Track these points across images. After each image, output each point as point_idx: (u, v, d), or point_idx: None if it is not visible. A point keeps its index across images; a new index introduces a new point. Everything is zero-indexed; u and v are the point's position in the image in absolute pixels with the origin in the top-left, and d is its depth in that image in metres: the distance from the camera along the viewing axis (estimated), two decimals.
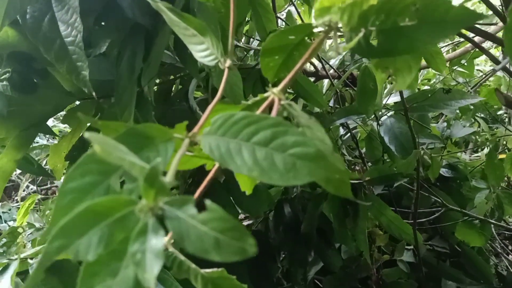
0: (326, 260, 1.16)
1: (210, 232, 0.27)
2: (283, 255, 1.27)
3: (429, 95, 0.93)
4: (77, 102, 0.97)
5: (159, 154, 0.35)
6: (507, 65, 0.76)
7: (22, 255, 0.67)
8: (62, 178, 1.01)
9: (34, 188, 2.03)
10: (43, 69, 0.80)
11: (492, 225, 1.28)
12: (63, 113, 1.02)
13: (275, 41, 0.44)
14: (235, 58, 1.16)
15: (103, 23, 0.71)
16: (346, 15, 0.35)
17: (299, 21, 1.28)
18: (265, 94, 0.43)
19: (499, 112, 1.91)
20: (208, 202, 0.28)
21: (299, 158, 0.34)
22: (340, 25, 0.38)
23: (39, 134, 1.16)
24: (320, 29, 0.41)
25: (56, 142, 1.04)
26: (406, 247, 1.26)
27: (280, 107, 0.42)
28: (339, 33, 0.41)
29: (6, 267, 0.69)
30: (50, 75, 0.81)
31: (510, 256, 1.54)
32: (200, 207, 0.31)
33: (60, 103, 0.85)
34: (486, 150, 1.62)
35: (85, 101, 0.89)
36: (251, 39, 1.22)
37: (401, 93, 0.96)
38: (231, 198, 0.85)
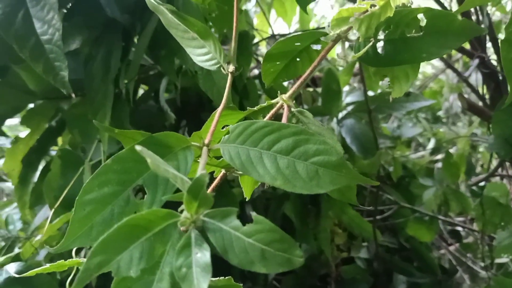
0: None
1: (255, 244, 0.27)
2: None
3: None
4: (31, 105, 0.92)
5: (179, 162, 0.35)
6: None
7: None
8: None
9: None
10: (2, 66, 0.75)
11: (439, 221, 1.36)
12: None
13: (281, 47, 0.44)
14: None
15: (73, 19, 0.68)
16: (364, 26, 0.36)
17: (260, 19, 1.29)
18: (273, 101, 0.43)
19: (439, 113, 2.02)
20: (253, 214, 0.28)
21: (321, 166, 0.34)
22: (352, 34, 0.39)
23: None
24: (328, 38, 0.42)
25: (8, 145, 0.97)
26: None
27: (290, 114, 0.42)
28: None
29: None
30: (10, 72, 0.76)
31: (450, 247, 1.63)
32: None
33: (20, 103, 0.80)
34: (429, 150, 1.72)
35: (45, 101, 0.84)
36: None
37: (365, 96, 0.99)
38: None
